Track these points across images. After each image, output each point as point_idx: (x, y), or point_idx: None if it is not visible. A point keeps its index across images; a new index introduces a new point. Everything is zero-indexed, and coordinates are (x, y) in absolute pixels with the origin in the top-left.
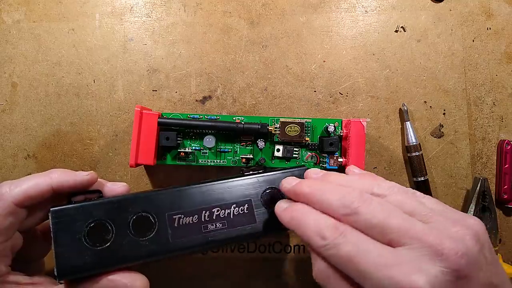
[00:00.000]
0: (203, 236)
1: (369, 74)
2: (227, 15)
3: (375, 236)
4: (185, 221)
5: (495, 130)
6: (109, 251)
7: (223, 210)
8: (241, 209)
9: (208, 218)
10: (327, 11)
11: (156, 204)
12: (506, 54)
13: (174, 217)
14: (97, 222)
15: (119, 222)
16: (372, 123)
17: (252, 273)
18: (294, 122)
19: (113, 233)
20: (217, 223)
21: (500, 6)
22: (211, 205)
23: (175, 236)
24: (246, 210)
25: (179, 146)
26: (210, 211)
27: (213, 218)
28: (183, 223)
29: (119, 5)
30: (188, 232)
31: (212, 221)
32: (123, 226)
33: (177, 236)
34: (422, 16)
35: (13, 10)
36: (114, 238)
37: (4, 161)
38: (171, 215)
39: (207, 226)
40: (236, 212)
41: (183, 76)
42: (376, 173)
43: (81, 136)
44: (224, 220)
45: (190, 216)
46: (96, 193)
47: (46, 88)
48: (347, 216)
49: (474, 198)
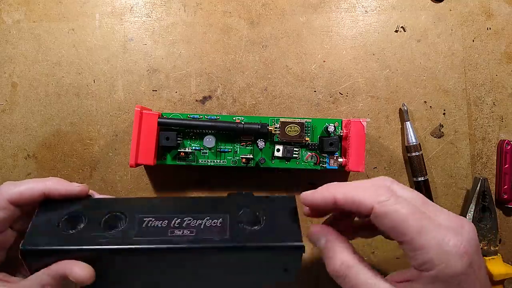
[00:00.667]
0: (167, 239)
1: (369, 74)
2: (227, 15)
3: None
4: (153, 224)
5: (495, 130)
6: (74, 236)
7: (195, 220)
8: (214, 222)
9: (178, 224)
10: (327, 11)
11: (133, 207)
12: (506, 54)
13: (145, 219)
14: (73, 214)
15: (94, 216)
16: (372, 123)
17: None
18: (294, 122)
19: (84, 223)
20: (185, 230)
21: (500, 6)
22: (184, 215)
23: (139, 234)
24: (220, 224)
25: (179, 146)
26: (181, 219)
27: (183, 226)
28: (151, 225)
29: (119, 5)
30: (152, 234)
31: (180, 228)
32: (96, 220)
33: (141, 234)
34: (422, 16)
35: (13, 10)
36: (83, 227)
37: (4, 161)
38: (142, 217)
39: (174, 231)
40: (208, 224)
41: (183, 76)
42: (376, 173)
43: (81, 136)
44: (194, 228)
45: (160, 220)
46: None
47: (46, 88)
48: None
49: (474, 198)
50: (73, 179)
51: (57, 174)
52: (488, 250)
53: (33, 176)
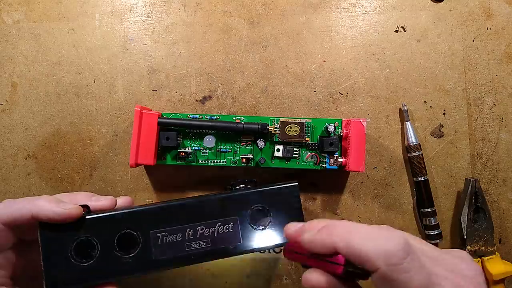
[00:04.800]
0: (186, 254)
1: (369, 74)
2: (227, 15)
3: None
4: (168, 239)
5: (495, 130)
6: (95, 267)
7: (207, 228)
8: (226, 227)
9: (192, 236)
10: (327, 11)
11: (141, 221)
12: (506, 54)
13: (158, 235)
14: (83, 239)
15: (105, 239)
16: (372, 123)
17: (252, 273)
18: (294, 122)
19: (98, 250)
20: (200, 242)
21: (500, 6)
22: (195, 223)
23: (158, 254)
24: (231, 229)
25: (179, 146)
26: (194, 229)
27: (197, 237)
28: (166, 241)
29: (119, 5)
30: (171, 250)
31: (196, 239)
32: (108, 243)
33: (160, 254)
34: (422, 16)
35: (13, 10)
36: (99, 254)
37: (4, 161)
38: (155, 233)
39: (191, 245)
40: (220, 231)
41: (183, 76)
42: (376, 173)
43: (81, 136)
44: (208, 239)
45: (174, 234)
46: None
47: (46, 88)
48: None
49: (466, 200)
50: (73, 179)
51: (57, 174)
52: (486, 250)
53: (33, 176)
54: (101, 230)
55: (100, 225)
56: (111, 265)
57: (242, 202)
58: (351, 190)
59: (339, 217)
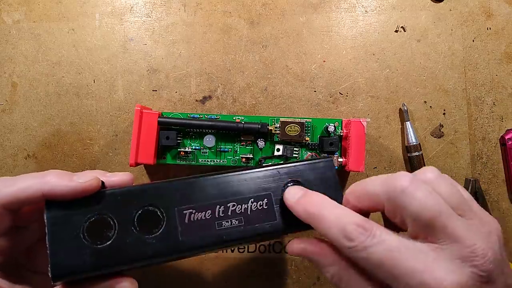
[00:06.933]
0: (217, 234)
1: (369, 74)
2: (227, 15)
3: (411, 229)
4: (196, 217)
5: (495, 130)
6: (111, 249)
7: (239, 205)
8: (259, 204)
9: (223, 214)
10: (327, 11)
11: (164, 197)
12: (506, 54)
13: (185, 212)
14: (97, 217)
15: (123, 217)
16: (372, 123)
17: (252, 273)
18: (294, 122)
19: (115, 230)
20: (232, 220)
21: (500, 6)
22: (226, 199)
23: (186, 233)
24: (266, 206)
25: (179, 146)
26: (225, 206)
27: (228, 214)
28: (194, 219)
29: (119, 5)
30: (200, 230)
31: (227, 217)
32: (126, 221)
33: (188, 233)
34: (422, 16)
35: (13, 10)
36: (116, 235)
37: (4, 161)
38: (181, 210)
39: (222, 223)
40: (254, 208)
41: (183, 76)
42: (376, 173)
43: (81, 136)
44: (241, 216)
45: (203, 211)
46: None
47: (46, 88)
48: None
49: None
50: None
51: None
52: None
53: None
54: (119, 206)
55: (118, 201)
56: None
57: (275, 177)
58: None
59: None
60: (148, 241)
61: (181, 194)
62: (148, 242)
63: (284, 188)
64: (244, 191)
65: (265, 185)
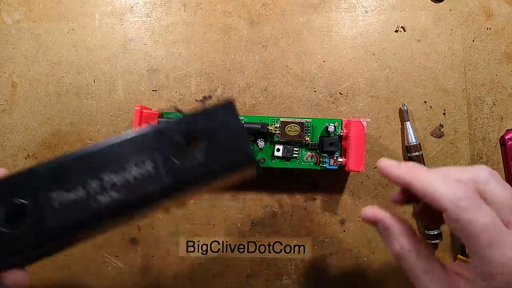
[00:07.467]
0: (95, 211)
1: (369, 74)
2: (227, 15)
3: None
4: (67, 198)
5: (495, 130)
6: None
7: (117, 174)
8: (142, 168)
9: (99, 189)
10: (327, 11)
11: (29, 184)
12: (506, 54)
13: (50, 195)
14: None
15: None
16: (372, 123)
17: (252, 273)
18: (294, 122)
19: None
20: (112, 193)
21: (500, 6)
22: (99, 172)
23: (56, 217)
24: (152, 169)
25: None
26: (99, 179)
27: (105, 187)
28: (64, 201)
29: (119, 5)
30: (72, 211)
31: (104, 191)
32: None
33: (58, 217)
34: (422, 16)
35: (13, 10)
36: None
37: (4, 161)
38: (46, 194)
39: (99, 199)
40: (136, 174)
41: (183, 76)
42: (376, 173)
43: (81, 136)
44: (122, 187)
45: (73, 191)
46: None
47: (46, 88)
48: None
49: None
50: None
51: None
52: None
53: None
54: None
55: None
56: (4, 248)
57: (159, 135)
58: (351, 190)
59: (339, 217)
60: (15, 235)
61: (46, 178)
62: (14, 236)
63: (173, 145)
64: (122, 158)
65: (151, 145)
